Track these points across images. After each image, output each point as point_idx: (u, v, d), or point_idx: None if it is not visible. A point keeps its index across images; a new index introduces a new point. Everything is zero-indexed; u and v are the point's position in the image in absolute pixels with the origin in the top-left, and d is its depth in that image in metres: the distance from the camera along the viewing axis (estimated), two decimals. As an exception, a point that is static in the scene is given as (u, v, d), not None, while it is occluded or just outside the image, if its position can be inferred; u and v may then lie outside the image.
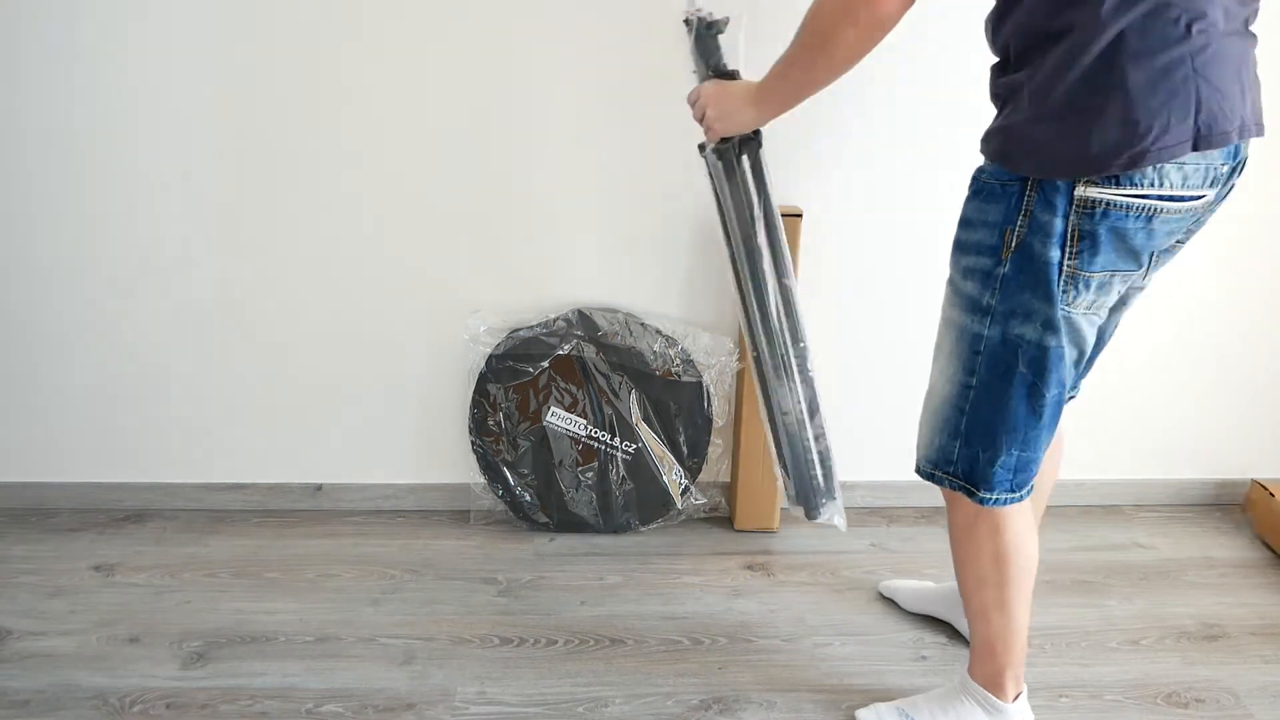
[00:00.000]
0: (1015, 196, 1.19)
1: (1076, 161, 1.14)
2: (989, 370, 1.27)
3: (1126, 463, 2.21)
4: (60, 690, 1.61)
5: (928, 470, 1.39)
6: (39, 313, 1.98)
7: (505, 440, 2.02)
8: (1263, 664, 1.73)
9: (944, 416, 1.34)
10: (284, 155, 1.88)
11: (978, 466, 1.31)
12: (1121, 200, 1.15)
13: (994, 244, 1.22)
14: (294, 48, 1.81)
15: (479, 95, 1.85)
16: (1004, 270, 1.22)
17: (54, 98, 1.83)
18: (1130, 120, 1.10)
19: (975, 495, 1.33)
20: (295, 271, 1.96)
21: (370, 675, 1.65)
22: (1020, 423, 1.28)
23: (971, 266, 1.26)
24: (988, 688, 1.47)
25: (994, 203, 1.22)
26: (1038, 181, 1.17)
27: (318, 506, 2.15)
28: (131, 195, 1.90)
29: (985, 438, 1.30)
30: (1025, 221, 1.19)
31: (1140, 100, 1.10)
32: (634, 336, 1.98)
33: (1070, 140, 1.14)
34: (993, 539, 1.37)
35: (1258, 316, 2.09)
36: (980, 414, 1.29)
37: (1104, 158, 1.12)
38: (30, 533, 2.05)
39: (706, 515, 2.14)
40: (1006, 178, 1.20)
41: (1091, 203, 1.15)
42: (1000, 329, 1.24)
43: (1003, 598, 1.40)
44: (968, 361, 1.28)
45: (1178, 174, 1.14)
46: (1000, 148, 1.22)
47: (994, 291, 1.23)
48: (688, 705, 1.61)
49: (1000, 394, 1.27)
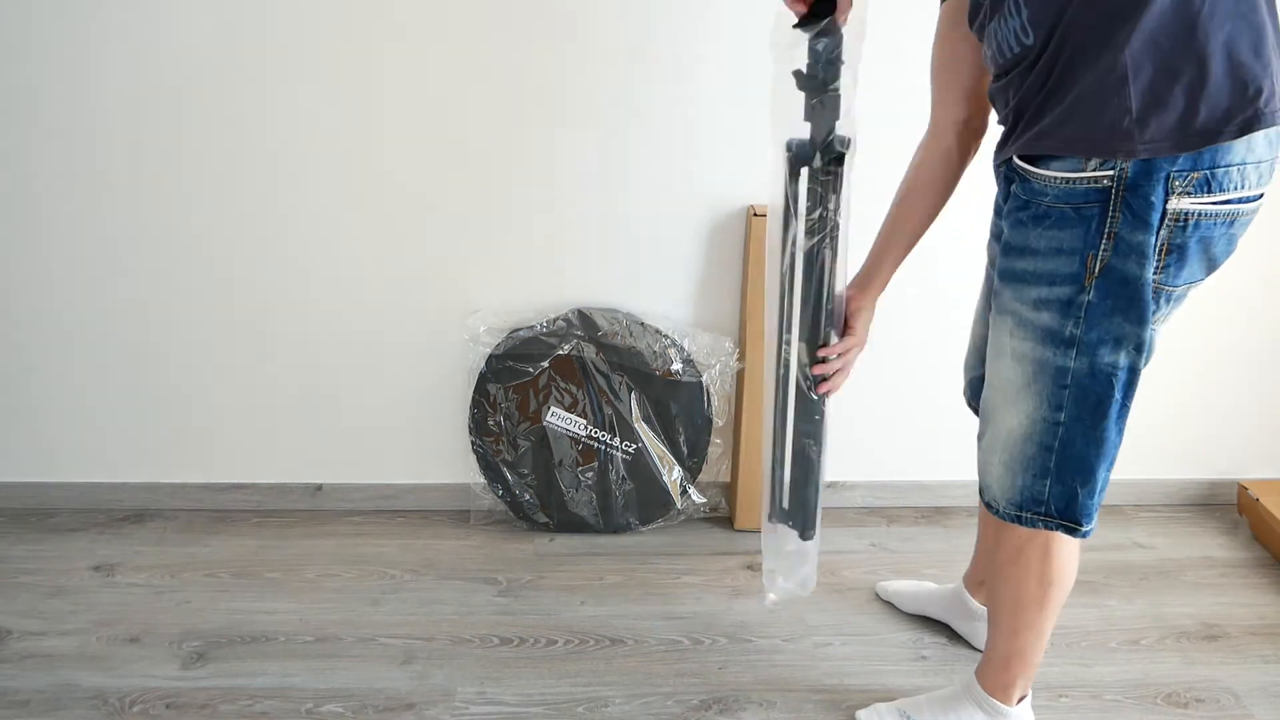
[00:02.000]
0: (1096, 220, 1.12)
1: (1186, 135, 1.06)
2: (1078, 405, 1.19)
3: (1126, 463, 2.20)
4: (60, 690, 1.61)
5: (1012, 514, 1.30)
6: (39, 313, 1.98)
7: (505, 440, 2.02)
8: (1263, 664, 1.73)
9: (1027, 455, 1.25)
10: (283, 155, 1.88)
11: (1077, 501, 1.24)
12: (1211, 210, 1.10)
13: (1074, 271, 1.14)
14: (294, 47, 1.81)
15: (479, 95, 1.85)
16: (1088, 298, 1.14)
17: (54, 98, 1.83)
18: (1239, 82, 1.05)
19: (1077, 531, 1.27)
20: (295, 271, 1.96)
21: (370, 675, 1.65)
22: (1113, 448, 1.23)
23: (1045, 298, 1.18)
24: (995, 694, 1.46)
25: (1067, 228, 1.14)
26: (1123, 199, 1.10)
27: (318, 506, 2.15)
28: (131, 195, 1.90)
29: (1082, 473, 1.23)
30: (1109, 244, 1.12)
31: (1247, 62, 1.04)
32: (634, 336, 1.98)
33: (1170, 113, 1.06)
34: (1043, 563, 1.33)
35: (1256, 316, 2.09)
36: (1073, 450, 1.22)
37: (1212, 125, 1.06)
38: (30, 533, 2.05)
39: (706, 515, 2.14)
40: (1080, 199, 1.12)
41: (1184, 215, 1.10)
42: (1088, 360, 1.17)
43: (1041, 618, 1.37)
44: (1053, 397, 1.20)
45: (1254, 172, 1.11)
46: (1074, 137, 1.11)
47: (1078, 320, 1.16)
48: (688, 705, 1.61)
49: (1094, 425, 1.20)
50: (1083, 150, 1.11)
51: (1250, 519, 2.12)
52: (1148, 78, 1.06)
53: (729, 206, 1.95)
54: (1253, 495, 2.10)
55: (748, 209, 1.94)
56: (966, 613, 1.75)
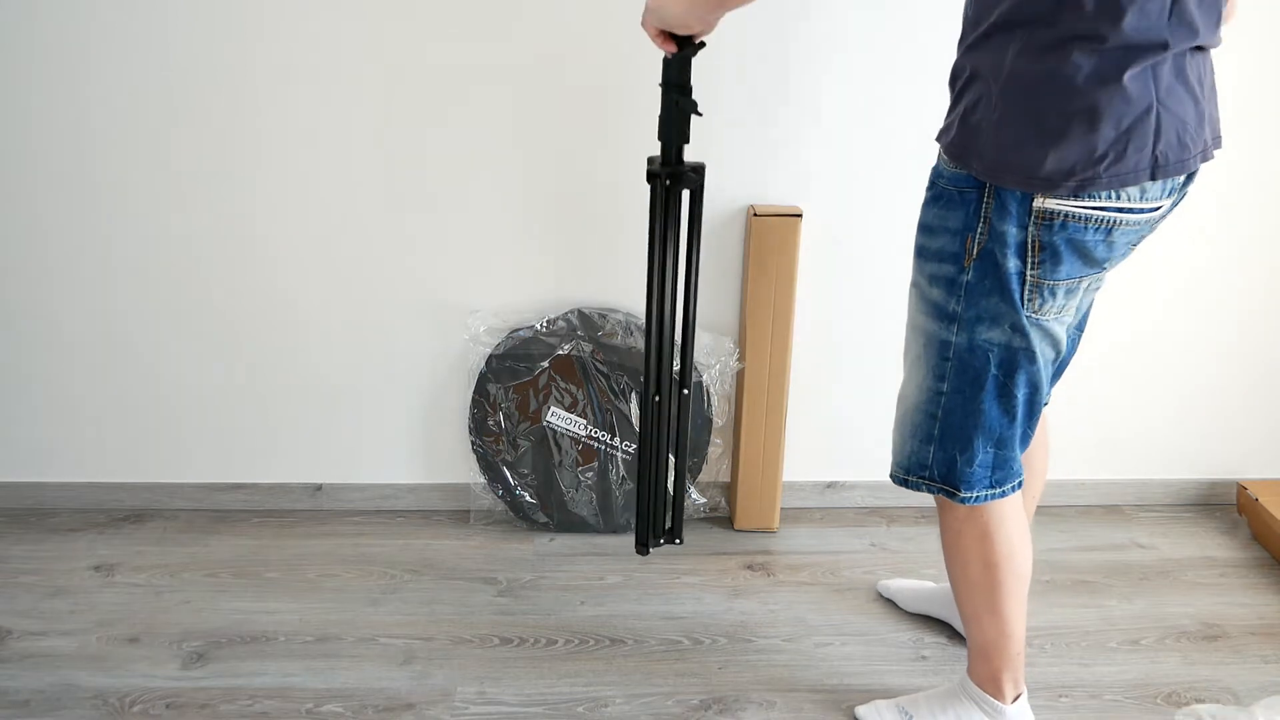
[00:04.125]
0: (974, 204, 1.18)
1: (1027, 175, 1.12)
2: (959, 376, 1.26)
3: (1126, 463, 2.21)
4: (60, 690, 1.61)
5: (900, 476, 1.39)
6: (39, 313, 1.97)
7: (505, 440, 2.02)
8: (1263, 664, 1.73)
9: (915, 422, 1.34)
10: (283, 155, 1.88)
11: (955, 468, 1.31)
12: (1079, 213, 1.14)
13: (956, 251, 1.21)
14: (292, 46, 1.81)
15: (479, 95, 1.85)
16: (968, 278, 1.21)
17: (55, 99, 1.83)
18: (1089, 144, 1.09)
19: (956, 496, 1.33)
20: (295, 271, 1.96)
21: (370, 675, 1.65)
22: (994, 423, 1.28)
23: (935, 274, 1.25)
24: (986, 689, 1.47)
25: (953, 209, 1.21)
26: (994, 189, 1.16)
27: (318, 506, 2.15)
28: (131, 196, 1.90)
29: (960, 440, 1.30)
30: (985, 229, 1.18)
31: (1105, 125, 1.08)
32: (634, 336, 1.98)
33: (1025, 151, 1.12)
34: (981, 544, 1.36)
35: (1256, 317, 2.09)
36: (953, 418, 1.29)
37: (1055, 177, 1.11)
38: (30, 533, 2.05)
39: (706, 515, 2.14)
40: (963, 184, 1.19)
41: (1049, 214, 1.14)
42: (968, 335, 1.24)
43: (994, 602, 1.39)
44: (937, 367, 1.28)
45: (1136, 189, 1.13)
46: (956, 142, 1.19)
47: (959, 298, 1.23)
48: (688, 705, 1.61)
49: (972, 398, 1.27)
50: (950, 153, 1.20)
51: (1250, 519, 2.12)
52: (1011, 109, 1.12)
53: (729, 206, 1.95)
54: (1252, 495, 2.10)
55: (748, 209, 1.94)
56: None
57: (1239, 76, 1.89)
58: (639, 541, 1.74)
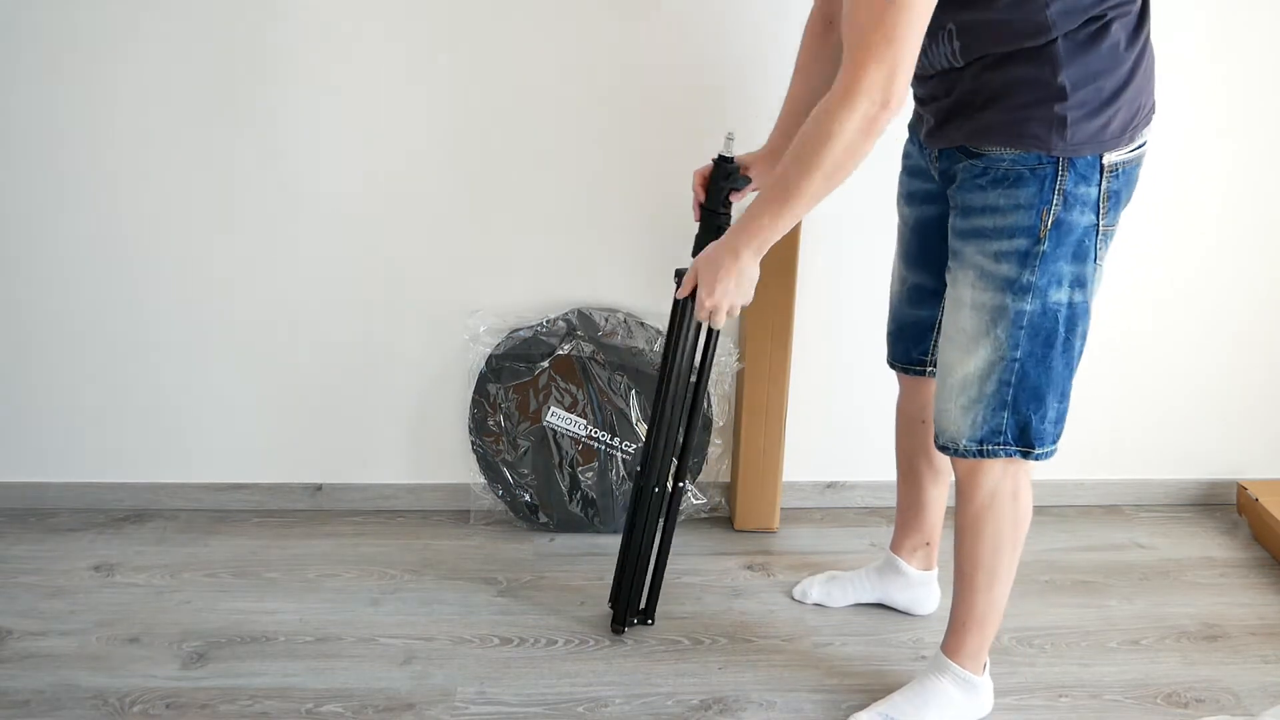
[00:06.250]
0: (1049, 178, 1.27)
1: (1101, 140, 1.27)
2: (1031, 340, 1.33)
3: (1126, 463, 2.21)
4: (60, 690, 1.61)
5: (975, 449, 1.40)
6: (39, 312, 1.98)
7: (505, 440, 2.02)
8: (1263, 664, 1.73)
9: (986, 394, 1.37)
10: (283, 155, 1.88)
11: (1031, 427, 1.37)
12: (1133, 156, 1.31)
13: (1030, 224, 1.29)
14: (290, 48, 1.81)
15: (478, 94, 1.86)
16: (1043, 248, 1.29)
17: (56, 97, 1.83)
18: (1136, 97, 1.28)
19: (1032, 453, 1.39)
20: (295, 271, 1.96)
21: (370, 675, 1.66)
22: (1060, 378, 1.36)
23: (1005, 250, 1.31)
24: (966, 665, 1.52)
25: (1024, 187, 1.28)
26: (1070, 162, 1.26)
27: (318, 506, 2.15)
28: (131, 195, 1.90)
29: (1034, 400, 1.36)
30: (1060, 198, 1.27)
31: (1141, 78, 1.28)
32: (634, 336, 1.98)
33: (1098, 120, 1.26)
34: (1014, 502, 1.43)
35: (1256, 317, 2.09)
36: (1027, 382, 1.35)
37: (1120, 134, 1.28)
38: (30, 533, 2.05)
39: (706, 515, 2.14)
40: (1032, 163, 1.27)
41: (1116, 166, 1.29)
42: (1041, 301, 1.31)
43: (1012, 563, 1.47)
44: (1011, 338, 1.33)
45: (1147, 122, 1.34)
46: (1023, 133, 1.27)
47: (1034, 269, 1.30)
48: (688, 705, 1.61)
49: (1044, 359, 1.34)
50: (1025, 147, 1.27)
51: (1250, 519, 2.12)
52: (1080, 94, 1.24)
53: (729, 206, 1.94)
54: (1252, 495, 2.10)
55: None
56: (904, 582, 1.80)
57: (1239, 76, 1.89)
58: (615, 620, 1.75)
